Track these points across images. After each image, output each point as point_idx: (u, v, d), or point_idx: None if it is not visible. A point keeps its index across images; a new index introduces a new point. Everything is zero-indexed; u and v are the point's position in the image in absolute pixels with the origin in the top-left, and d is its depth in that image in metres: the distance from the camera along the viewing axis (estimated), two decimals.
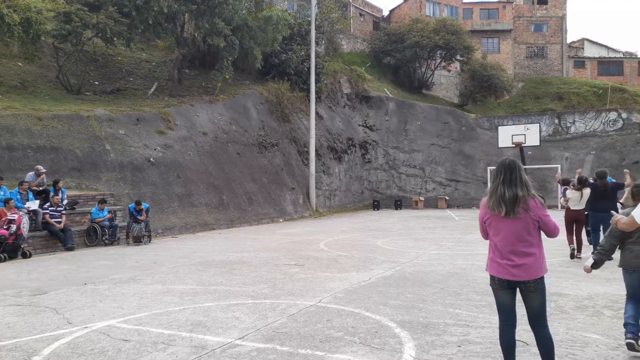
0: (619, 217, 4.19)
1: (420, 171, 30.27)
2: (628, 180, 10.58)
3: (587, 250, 10.31)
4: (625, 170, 11.54)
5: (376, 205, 27.94)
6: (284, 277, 8.11)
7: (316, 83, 24.80)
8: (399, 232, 15.54)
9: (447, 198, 28.64)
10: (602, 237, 8.01)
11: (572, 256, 9.74)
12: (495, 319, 5.42)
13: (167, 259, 10.40)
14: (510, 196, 3.52)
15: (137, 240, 13.18)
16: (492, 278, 3.73)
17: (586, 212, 10.04)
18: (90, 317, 5.80)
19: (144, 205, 13.58)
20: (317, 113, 26.01)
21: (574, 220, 9.95)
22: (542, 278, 3.61)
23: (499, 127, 28.13)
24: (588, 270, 4.68)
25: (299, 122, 25.80)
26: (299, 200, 22.57)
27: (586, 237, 10.54)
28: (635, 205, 4.47)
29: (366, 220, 20.67)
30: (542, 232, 3.65)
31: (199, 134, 19.39)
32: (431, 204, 28.67)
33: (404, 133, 31.22)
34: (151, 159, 16.74)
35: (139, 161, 16.40)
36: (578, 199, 9.84)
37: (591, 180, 10.12)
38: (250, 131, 21.88)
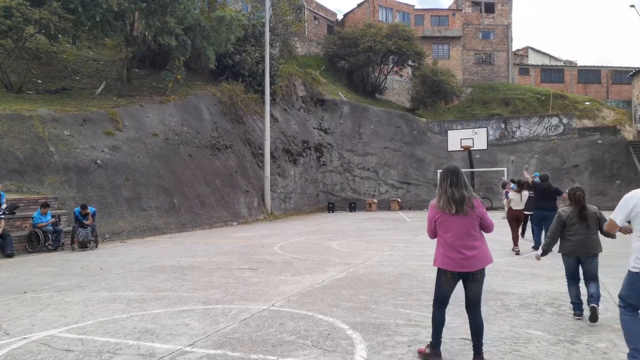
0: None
1: (373, 174, 30.71)
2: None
3: (527, 245, 10.85)
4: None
5: (331, 208, 28.10)
6: (237, 281, 8.00)
7: (271, 85, 24.69)
8: (353, 234, 15.68)
9: (399, 200, 29.18)
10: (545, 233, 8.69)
11: (516, 253, 10.73)
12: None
13: (115, 265, 10.04)
14: (459, 196, 4.00)
15: (83, 246, 12.66)
16: (444, 272, 4.13)
17: (527, 212, 11.13)
18: (30, 327, 5.51)
19: (90, 209, 13.06)
20: (272, 115, 25.89)
21: (515, 218, 11.17)
22: (484, 268, 4.13)
23: (449, 132, 28.96)
24: (538, 258, 5.94)
25: (253, 124, 25.60)
26: (253, 203, 22.37)
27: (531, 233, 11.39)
28: (571, 205, 5.70)
29: (321, 222, 20.74)
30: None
31: (149, 135, 18.87)
32: (384, 206, 29.14)
33: (358, 136, 31.60)
34: (98, 161, 16.14)
35: (85, 163, 15.76)
36: (519, 200, 11.10)
37: (537, 180, 11.18)
38: (202, 133, 21.50)
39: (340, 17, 46.76)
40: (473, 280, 4.07)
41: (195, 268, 9.43)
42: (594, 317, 5.28)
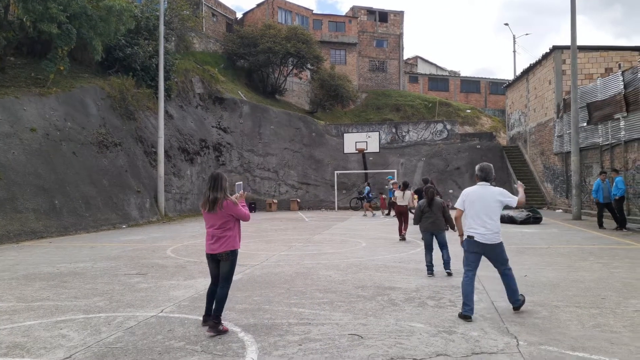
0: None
1: (274, 174, 30.77)
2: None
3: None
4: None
5: None
6: (123, 288, 7.56)
7: (166, 80, 23.67)
8: (252, 235, 15.56)
9: (299, 200, 29.54)
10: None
11: (402, 239, 13.15)
12: (334, 315, 5.74)
13: None
14: (212, 198, 5.16)
15: None
16: (207, 254, 5.36)
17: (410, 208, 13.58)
18: None
19: None
20: (166, 112, 24.84)
21: (400, 212, 13.55)
22: (234, 251, 5.28)
23: (345, 134, 29.97)
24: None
25: (146, 121, 24.34)
26: (145, 204, 21.26)
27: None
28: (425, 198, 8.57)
29: None
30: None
31: (26, 130, 17.14)
32: (284, 206, 29.31)
33: (258, 136, 31.48)
34: None
35: None
36: (401, 197, 13.61)
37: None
38: (88, 128, 20.00)
39: (239, 15, 46.25)
40: (223, 260, 5.24)
41: (77, 274, 8.74)
42: (449, 275, 8.08)
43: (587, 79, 22.96)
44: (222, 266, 5.25)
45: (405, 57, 52.39)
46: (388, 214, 23.75)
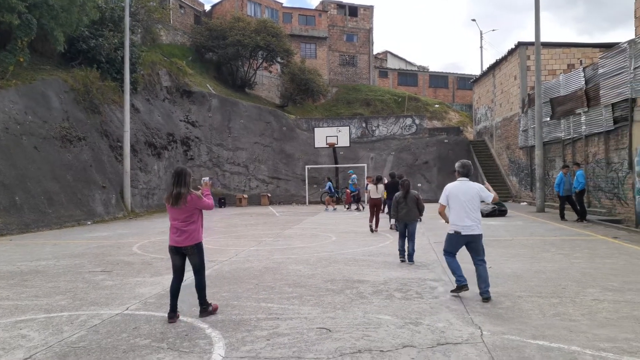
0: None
1: (244, 169, 30.52)
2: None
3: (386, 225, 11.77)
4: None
5: None
6: (87, 285, 7.38)
7: (132, 73, 23.12)
8: (221, 230, 15.42)
9: (269, 195, 29.42)
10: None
11: (371, 231, 13.62)
12: (302, 310, 5.75)
13: None
14: (176, 193, 5.36)
15: None
16: (170, 247, 5.59)
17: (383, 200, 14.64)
18: None
19: None
20: (132, 105, 24.30)
21: (373, 205, 14.18)
22: (198, 244, 5.52)
23: (315, 129, 29.97)
24: (394, 227, 7.97)
25: (111, 115, 23.74)
26: (111, 200, 20.79)
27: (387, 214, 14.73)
28: (401, 191, 9.20)
29: None
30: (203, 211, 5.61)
31: None
32: (255, 201, 29.14)
33: (228, 131, 31.14)
34: None
35: None
36: (375, 191, 14.36)
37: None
38: (51, 122, 19.37)
39: (207, 7, 45.54)
40: (190, 254, 5.52)
41: (38, 273, 8.48)
42: (411, 260, 8.82)
43: (551, 74, 23.60)
44: (191, 260, 5.53)
45: (375, 52, 52.68)
46: (349, 208, 23.96)
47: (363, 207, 23.33)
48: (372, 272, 7.99)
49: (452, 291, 6.36)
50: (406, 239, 8.93)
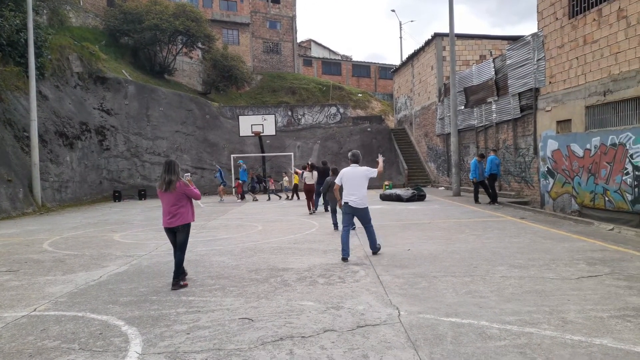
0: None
1: (165, 159, 29.30)
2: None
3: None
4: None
5: (117, 196, 25.99)
6: None
7: (37, 57, 21.39)
8: (141, 223, 14.80)
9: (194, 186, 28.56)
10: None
11: (310, 213, 15.66)
12: (225, 301, 5.67)
13: None
14: (167, 180, 6.30)
15: None
16: (164, 228, 6.52)
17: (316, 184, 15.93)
18: None
19: None
20: (40, 92, 22.54)
21: (308, 190, 16.11)
22: (187, 224, 6.48)
23: (240, 117, 29.44)
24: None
25: (15, 102, 21.86)
26: (18, 194, 19.23)
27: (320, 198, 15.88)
28: (333, 176, 11.66)
29: (105, 213, 19.03)
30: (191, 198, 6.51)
31: None
32: None
33: (146, 119, 29.79)
34: None
35: None
36: (310, 177, 16.31)
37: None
38: None
39: None
40: (179, 232, 6.43)
41: None
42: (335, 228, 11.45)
43: (465, 65, 24.83)
44: (178, 237, 6.42)
45: (299, 40, 52.58)
46: (242, 198, 23.63)
47: (290, 197, 23.40)
48: (296, 260, 8.04)
49: (341, 259, 7.86)
50: (336, 213, 11.12)
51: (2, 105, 20.84)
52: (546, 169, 15.04)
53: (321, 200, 15.61)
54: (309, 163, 17.43)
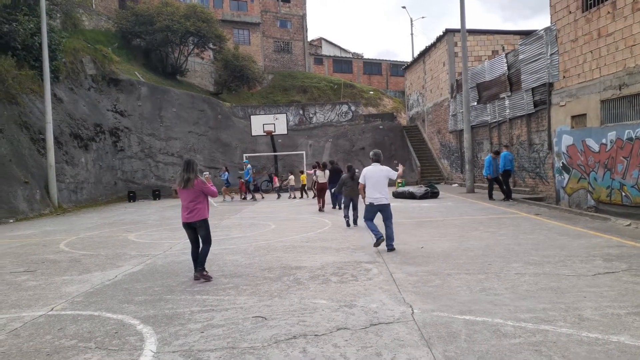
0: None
1: (178, 159, 29.57)
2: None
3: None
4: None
5: (132, 197, 26.24)
6: (8, 287, 6.92)
7: (52, 61, 21.68)
8: (155, 223, 14.94)
9: None
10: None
11: (320, 210, 15.87)
12: (238, 300, 5.70)
13: None
14: (186, 178, 6.70)
15: None
16: (183, 223, 6.97)
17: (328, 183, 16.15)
18: None
19: None
20: (54, 95, 22.85)
21: (321, 189, 16.47)
22: (205, 219, 6.89)
23: (252, 117, 29.53)
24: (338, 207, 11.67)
25: (31, 105, 22.19)
26: (35, 196, 19.53)
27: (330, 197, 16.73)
28: (348, 173, 12.28)
29: (120, 213, 19.24)
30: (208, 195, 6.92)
31: None
32: None
33: (159, 120, 30.04)
34: None
35: None
36: (323, 176, 16.78)
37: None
38: None
39: None
40: (198, 227, 6.88)
41: None
42: (355, 224, 11.89)
43: (477, 60, 24.61)
44: (199, 232, 6.89)
45: (309, 39, 52.55)
46: (244, 198, 23.84)
47: (301, 196, 23.44)
48: (309, 258, 8.05)
49: (374, 245, 8.52)
50: (351, 209, 11.79)
51: (18, 109, 21.17)
52: (561, 165, 14.85)
53: (328, 197, 16.10)
54: (320, 163, 18.13)
